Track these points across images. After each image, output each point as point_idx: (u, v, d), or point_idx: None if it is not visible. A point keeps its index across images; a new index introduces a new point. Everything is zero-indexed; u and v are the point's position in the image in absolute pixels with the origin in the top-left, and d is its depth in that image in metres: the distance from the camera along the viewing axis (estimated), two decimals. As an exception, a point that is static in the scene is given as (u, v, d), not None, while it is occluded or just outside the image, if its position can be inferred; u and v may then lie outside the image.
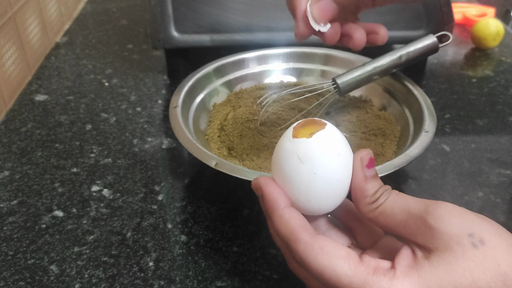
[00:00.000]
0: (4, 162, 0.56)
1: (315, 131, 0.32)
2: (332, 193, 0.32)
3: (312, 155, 0.31)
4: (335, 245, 0.30)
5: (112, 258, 0.45)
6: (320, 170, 0.31)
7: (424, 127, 0.50)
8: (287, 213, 0.32)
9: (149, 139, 0.60)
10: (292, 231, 0.31)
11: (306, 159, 0.31)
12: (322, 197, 0.32)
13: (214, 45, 0.67)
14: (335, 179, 0.32)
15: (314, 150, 0.31)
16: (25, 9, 0.71)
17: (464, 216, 0.29)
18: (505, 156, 0.57)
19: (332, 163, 0.31)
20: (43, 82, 0.72)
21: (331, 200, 0.33)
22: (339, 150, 0.32)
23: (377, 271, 0.29)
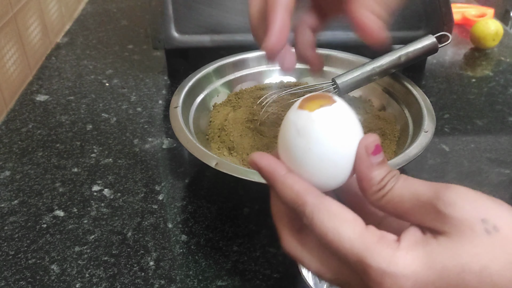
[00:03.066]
0: (5, 162, 0.56)
1: (320, 106, 0.30)
2: (327, 172, 0.31)
3: (309, 130, 0.30)
4: (342, 208, 0.29)
5: (113, 258, 0.45)
6: (315, 147, 0.30)
7: (423, 127, 0.50)
8: (290, 178, 0.31)
9: (149, 139, 0.60)
10: (298, 194, 0.30)
11: (303, 133, 0.30)
12: (315, 175, 0.31)
13: (214, 45, 0.67)
14: (332, 159, 0.31)
15: (312, 125, 0.30)
16: (26, 10, 0.71)
17: (478, 200, 0.28)
18: (505, 156, 0.57)
19: (330, 142, 0.30)
20: (43, 83, 0.72)
21: (326, 179, 0.31)
22: (343, 130, 0.31)
23: (381, 240, 0.28)
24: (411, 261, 0.27)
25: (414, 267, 0.26)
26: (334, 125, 0.30)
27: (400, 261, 0.27)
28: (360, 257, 0.27)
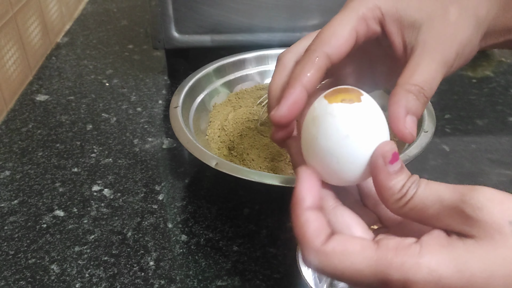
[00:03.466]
0: (5, 162, 0.56)
1: (341, 100, 0.30)
2: (330, 167, 0.31)
3: (321, 121, 0.30)
4: (346, 241, 0.28)
5: (113, 258, 0.45)
6: (322, 139, 0.30)
7: (423, 127, 0.50)
8: (306, 215, 0.30)
9: (149, 139, 0.60)
10: (304, 237, 0.29)
11: (315, 121, 0.30)
12: (318, 166, 0.31)
13: (215, 45, 0.67)
14: (336, 156, 0.30)
15: (325, 117, 0.30)
16: (26, 10, 0.71)
17: (506, 202, 0.27)
18: (505, 156, 0.57)
19: (337, 138, 0.30)
20: (44, 82, 0.72)
21: (330, 174, 0.31)
22: (355, 130, 0.30)
23: (399, 251, 0.27)
24: (437, 266, 0.26)
25: (441, 272, 0.26)
26: (347, 123, 0.30)
27: (424, 267, 0.26)
28: (385, 276, 0.27)
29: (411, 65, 0.34)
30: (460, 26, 0.35)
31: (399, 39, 0.36)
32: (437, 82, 0.34)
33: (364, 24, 0.36)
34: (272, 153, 0.51)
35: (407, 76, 0.34)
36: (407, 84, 0.33)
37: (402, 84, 0.34)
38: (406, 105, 0.33)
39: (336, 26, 0.36)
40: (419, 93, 0.33)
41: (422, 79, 0.33)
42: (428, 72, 0.34)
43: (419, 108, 0.33)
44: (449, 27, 0.35)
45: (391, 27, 0.36)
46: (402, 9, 0.36)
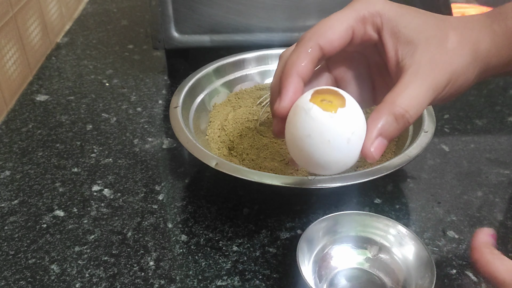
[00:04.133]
0: (5, 162, 0.56)
1: (334, 108, 0.33)
2: (322, 160, 0.34)
3: (317, 126, 0.33)
4: None
5: (113, 258, 0.45)
6: (315, 136, 0.33)
7: (423, 127, 0.50)
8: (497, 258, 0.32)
9: (149, 139, 0.60)
10: None
11: (308, 127, 0.33)
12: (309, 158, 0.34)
13: (214, 45, 0.67)
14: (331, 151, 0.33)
15: (322, 124, 0.33)
16: (26, 10, 0.71)
17: None
18: (504, 156, 0.58)
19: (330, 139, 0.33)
20: (44, 83, 0.72)
21: (320, 166, 0.35)
22: (346, 132, 0.33)
23: None
24: None
25: None
26: (311, 123, 0.33)
27: None
28: None
29: (401, 85, 0.34)
30: (456, 55, 0.35)
31: (393, 53, 0.36)
32: (424, 106, 0.34)
33: (362, 26, 0.36)
34: (272, 153, 0.51)
35: (394, 95, 0.34)
36: (392, 104, 0.34)
37: (387, 102, 0.34)
38: (382, 127, 0.34)
39: (334, 21, 0.36)
40: (401, 117, 0.34)
41: (409, 102, 0.34)
42: (416, 95, 0.34)
43: (395, 131, 0.34)
44: (445, 54, 0.35)
45: (387, 39, 0.36)
46: (402, 25, 0.36)
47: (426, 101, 0.34)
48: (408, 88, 0.34)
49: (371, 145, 0.33)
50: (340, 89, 0.35)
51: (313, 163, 0.34)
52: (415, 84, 0.34)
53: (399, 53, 0.36)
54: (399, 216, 0.49)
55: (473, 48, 0.36)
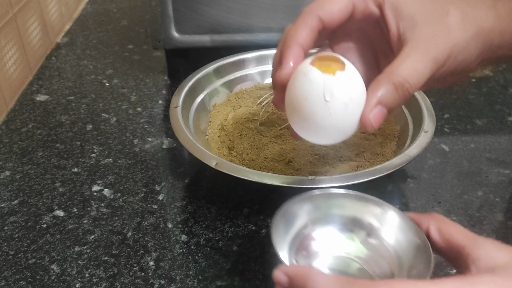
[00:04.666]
0: (5, 162, 0.56)
1: (335, 71, 0.32)
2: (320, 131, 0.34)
3: (318, 88, 0.32)
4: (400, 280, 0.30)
5: (113, 258, 0.45)
6: (314, 101, 0.32)
7: (423, 127, 0.50)
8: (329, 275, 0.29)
9: (149, 139, 0.60)
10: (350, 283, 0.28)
11: (311, 88, 0.32)
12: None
13: (214, 45, 0.67)
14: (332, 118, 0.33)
15: (322, 86, 0.32)
16: (26, 10, 0.71)
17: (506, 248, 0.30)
18: (504, 156, 0.57)
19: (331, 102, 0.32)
20: (44, 83, 0.72)
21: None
22: (346, 96, 0.33)
23: (454, 277, 0.28)
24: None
25: None
26: (309, 87, 0.32)
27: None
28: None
29: (401, 56, 0.34)
30: (457, 30, 0.35)
31: (394, 28, 0.36)
32: (425, 77, 0.34)
33: (362, 1, 0.36)
34: (272, 153, 0.51)
35: (395, 65, 0.34)
36: (392, 74, 0.33)
37: (387, 72, 0.34)
38: (382, 95, 0.33)
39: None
40: (401, 86, 0.33)
41: (409, 71, 0.33)
42: (416, 65, 0.34)
43: (395, 101, 0.34)
44: (446, 28, 0.35)
45: (389, 14, 0.36)
46: (403, 0, 0.36)
47: (427, 72, 0.34)
48: (409, 59, 0.34)
49: (369, 113, 0.33)
50: None
51: (311, 129, 0.34)
52: (416, 55, 0.34)
53: (400, 27, 0.35)
54: (399, 216, 0.49)
55: (475, 24, 0.35)
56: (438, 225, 0.34)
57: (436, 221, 0.34)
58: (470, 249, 0.31)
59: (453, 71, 0.36)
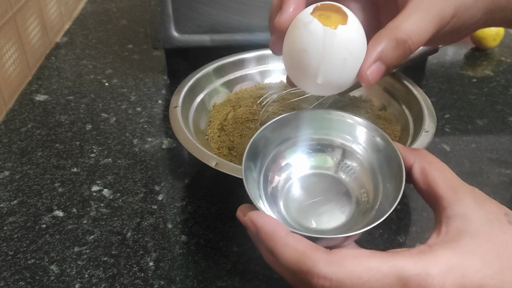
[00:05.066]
0: (4, 162, 0.56)
1: (337, 24, 0.31)
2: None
3: (318, 41, 0.31)
4: (353, 250, 0.29)
5: (112, 258, 0.45)
6: (312, 52, 0.32)
7: (424, 127, 0.50)
8: (291, 239, 0.30)
9: (149, 139, 0.60)
10: (305, 254, 0.29)
11: (309, 39, 0.32)
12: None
13: (214, 45, 0.67)
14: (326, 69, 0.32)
15: (323, 39, 0.31)
16: (25, 9, 0.71)
17: (492, 201, 0.31)
18: (505, 156, 0.57)
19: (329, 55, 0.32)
20: (43, 82, 0.72)
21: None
22: (348, 49, 0.32)
23: (411, 251, 0.28)
24: (452, 258, 0.29)
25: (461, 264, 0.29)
26: (309, 38, 0.31)
27: (442, 260, 0.28)
28: (402, 272, 0.27)
29: (405, 12, 0.33)
30: None
31: None
32: (428, 35, 0.33)
33: None
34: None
35: (398, 21, 0.33)
36: (395, 29, 0.33)
37: (390, 27, 0.33)
38: (382, 51, 0.33)
39: None
40: (403, 42, 0.33)
41: (412, 27, 0.33)
42: (421, 22, 0.33)
43: (395, 57, 0.33)
44: None
45: None
46: None
47: (430, 30, 0.33)
48: (413, 15, 0.33)
49: (368, 68, 0.33)
50: None
51: (307, 80, 0.33)
52: (420, 11, 0.33)
53: None
54: (400, 216, 0.49)
55: None
56: (423, 165, 0.33)
57: (421, 160, 0.33)
58: (447, 202, 0.31)
59: (457, 30, 0.35)
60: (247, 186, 0.33)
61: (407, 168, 0.34)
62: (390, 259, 0.28)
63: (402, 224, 0.48)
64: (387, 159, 0.35)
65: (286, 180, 0.37)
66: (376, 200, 0.35)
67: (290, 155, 0.37)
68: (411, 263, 0.27)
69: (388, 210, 0.31)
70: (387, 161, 0.35)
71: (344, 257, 0.28)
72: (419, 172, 0.33)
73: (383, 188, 0.35)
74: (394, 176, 0.34)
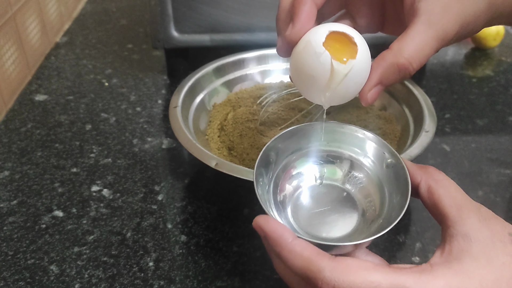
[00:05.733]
0: (4, 162, 0.56)
1: (346, 59, 0.33)
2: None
3: (324, 72, 0.33)
4: (358, 260, 0.30)
5: (112, 258, 0.45)
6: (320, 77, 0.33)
7: (424, 127, 0.50)
8: (298, 245, 0.30)
9: (149, 139, 0.60)
10: (311, 261, 0.30)
11: (318, 69, 0.33)
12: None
13: (214, 45, 0.67)
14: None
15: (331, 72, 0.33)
16: (25, 9, 0.71)
17: (498, 220, 0.31)
18: (505, 156, 0.57)
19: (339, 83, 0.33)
20: (43, 82, 0.72)
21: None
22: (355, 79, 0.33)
23: (413, 269, 0.29)
24: (453, 279, 0.29)
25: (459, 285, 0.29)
26: (319, 67, 0.33)
27: (441, 278, 0.29)
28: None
29: (410, 33, 0.34)
30: (470, 2, 0.34)
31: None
32: (429, 56, 0.34)
33: None
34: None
35: (402, 43, 0.34)
36: (398, 53, 0.33)
37: (394, 50, 0.34)
38: (383, 75, 0.34)
39: None
40: (404, 68, 0.33)
41: (415, 53, 0.33)
42: (424, 46, 0.33)
43: (394, 80, 0.34)
44: (459, 1, 0.34)
45: None
46: None
47: (432, 51, 0.34)
48: (417, 38, 0.34)
49: (369, 91, 0.34)
50: (351, 17, 0.37)
51: (312, 95, 0.35)
52: (425, 34, 0.34)
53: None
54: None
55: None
56: (429, 182, 0.34)
57: (428, 178, 0.34)
58: (451, 221, 0.31)
59: (458, 40, 0.36)
60: (258, 191, 0.35)
61: (415, 184, 0.34)
62: (391, 275, 0.29)
63: (402, 224, 0.48)
64: (395, 175, 0.36)
65: (295, 189, 0.38)
66: (382, 211, 0.36)
67: (300, 165, 0.39)
68: (411, 281, 0.28)
69: (394, 220, 0.32)
70: (395, 176, 0.36)
71: (348, 266, 0.29)
72: (425, 189, 0.34)
73: (389, 201, 0.36)
74: (401, 191, 0.35)
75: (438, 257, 0.30)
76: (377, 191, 0.37)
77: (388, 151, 0.37)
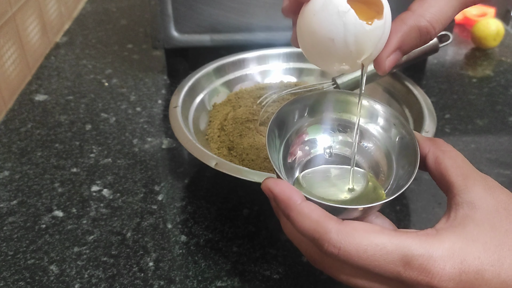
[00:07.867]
0: (4, 162, 0.56)
1: (372, 18, 0.30)
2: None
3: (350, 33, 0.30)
4: (365, 224, 0.30)
5: (112, 258, 0.45)
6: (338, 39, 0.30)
7: (424, 127, 0.50)
8: (306, 207, 0.31)
9: (149, 139, 0.60)
10: (318, 223, 0.30)
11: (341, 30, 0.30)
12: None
13: (214, 45, 0.67)
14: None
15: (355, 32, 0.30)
16: (25, 9, 0.71)
17: (503, 190, 0.32)
18: (505, 156, 0.57)
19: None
20: (43, 82, 0.72)
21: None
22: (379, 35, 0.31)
23: (418, 233, 0.29)
24: (455, 243, 0.30)
25: (461, 250, 0.29)
26: (343, 30, 0.30)
27: (446, 244, 0.29)
28: (406, 252, 0.29)
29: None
30: None
31: None
32: (449, 20, 0.33)
33: None
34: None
35: (424, 4, 0.32)
36: (421, 17, 0.32)
37: (416, 13, 0.32)
38: (404, 39, 0.32)
39: None
40: (426, 32, 0.32)
41: (437, 16, 0.32)
42: (446, 9, 0.32)
43: (414, 45, 0.33)
44: None
45: None
46: None
47: (454, 14, 0.33)
48: (440, 1, 0.32)
49: (387, 57, 0.32)
50: None
51: (324, 62, 0.32)
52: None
53: None
54: (400, 217, 0.49)
55: None
56: (437, 153, 0.34)
57: (436, 149, 0.34)
58: (457, 190, 0.32)
59: (476, 2, 0.35)
60: (269, 150, 0.35)
61: (423, 155, 0.35)
62: (397, 238, 0.29)
63: (401, 226, 0.48)
64: (404, 145, 0.36)
65: (306, 155, 0.39)
66: (389, 179, 0.36)
67: (312, 131, 0.39)
68: (416, 244, 0.29)
69: (403, 187, 0.33)
70: (404, 146, 0.36)
71: (354, 228, 0.29)
72: (433, 160, 0.34)
73: (396, 170, 0.36)
74: (409, 161, 0.35)
75: (443, 223, 0.31)
76: (385, 160, 0.38)
77: (399, 122, 0.37)
